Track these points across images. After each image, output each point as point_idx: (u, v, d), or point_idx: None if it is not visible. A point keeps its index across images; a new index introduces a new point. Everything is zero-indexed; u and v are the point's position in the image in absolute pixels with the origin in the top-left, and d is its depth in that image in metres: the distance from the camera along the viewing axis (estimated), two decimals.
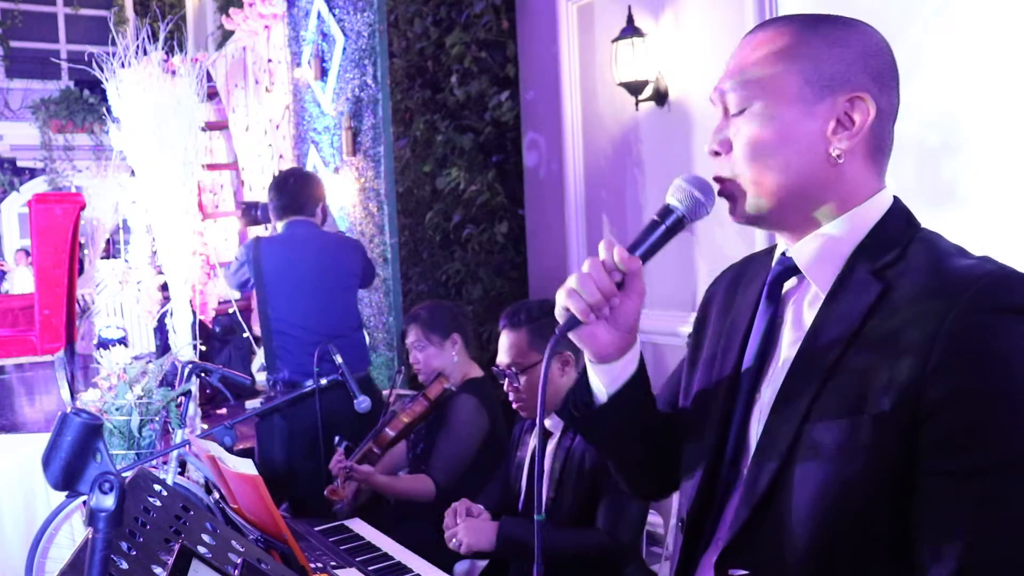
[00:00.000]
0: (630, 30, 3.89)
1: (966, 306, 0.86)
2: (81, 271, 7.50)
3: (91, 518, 0.79)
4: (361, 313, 4.89)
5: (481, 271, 5.10)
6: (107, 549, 0.79)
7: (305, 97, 5.32)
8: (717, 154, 1.04)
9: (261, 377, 6.09)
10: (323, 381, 2.94)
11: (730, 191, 1.03)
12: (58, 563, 2.66)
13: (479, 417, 2.79)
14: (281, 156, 5.88)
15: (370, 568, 2.12)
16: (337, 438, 2.93)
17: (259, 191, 6.40)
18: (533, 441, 2.33)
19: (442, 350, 2.91)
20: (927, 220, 1.02)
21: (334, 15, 4.87)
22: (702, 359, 1.15)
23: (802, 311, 1.01)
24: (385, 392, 3.38)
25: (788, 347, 1.01)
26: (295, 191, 3.54)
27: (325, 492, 2.79)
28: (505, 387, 2.28)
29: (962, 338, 0.85)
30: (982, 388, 0.85)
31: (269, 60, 5.87)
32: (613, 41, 3.94)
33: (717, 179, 1.04)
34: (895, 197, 1.03)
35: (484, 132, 5.32)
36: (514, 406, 2.29)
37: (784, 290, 1.05)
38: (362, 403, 2.99)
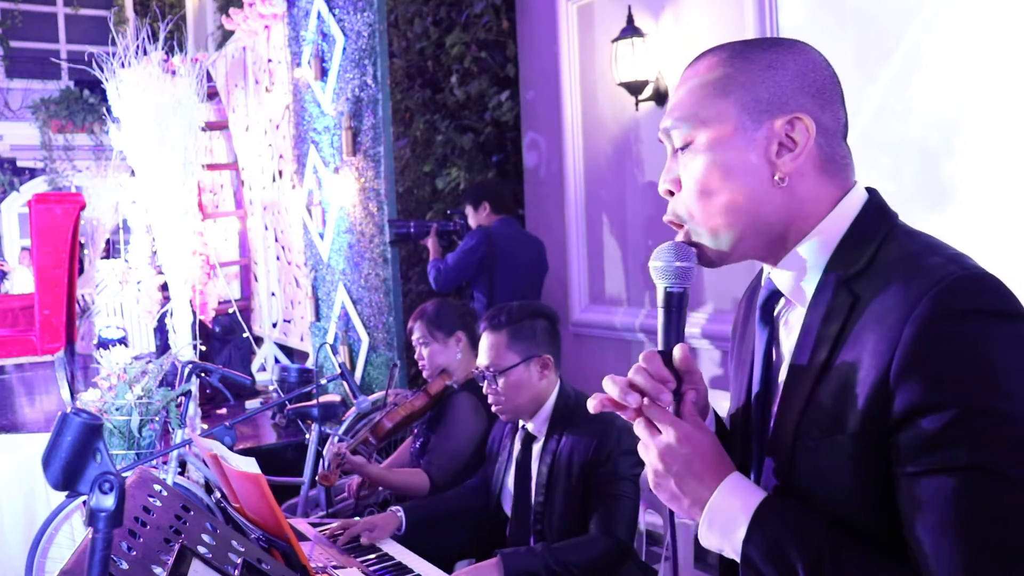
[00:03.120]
0: (630, 30, 3.89)
1: (920, 316, 0.86)
2: (81, 271, 7.51)
3: (91, 518, 0.80)
4: (361, 313, 4.89)
5: None
6: (107, 549, 0.80)
7: (305, 97, 5.32)
8: (671, 193, 1.04)
9: (261, 377, 6.09)
10: (323, 380, 2.94)
11: (692, 241, 1.03)
12: (58, 563, 2.66)
13: (477, 416, 2.79)
14: (281, 156, 5.88)
15: (371, 568, 2.12)
16: (336, 431, 2.94)
17: (259, 191, 6.41)
18: (517, 445, 2.33)
19: (446, 347, 2.91)
20: (927, 220, 1.02)
21: (334, 15, 4.87)
22: (732, 373, 1.17)
23: (792, 331, 1.02)
24: (381, 393, 3.39)
25: (783, 370, 1.02)
26: (507, 194, 4.32)
27: (317, 477, 2.81)
28: (484, 389, 2.29)
29: (917, 347, 0.85)
30: (945, 395, 0.84)
31: (269, 60, 5.87)
32: (613, 41, 3.94)
33: (673, 223, 1.05)
34: (870, 191, 1.02)
35: (484, 132, 5.32)
36: (493, 409, 2.30)
37: (776, 311, 1.06)
38: (362, 403, 2.99)
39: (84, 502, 0.82)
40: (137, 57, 4.34)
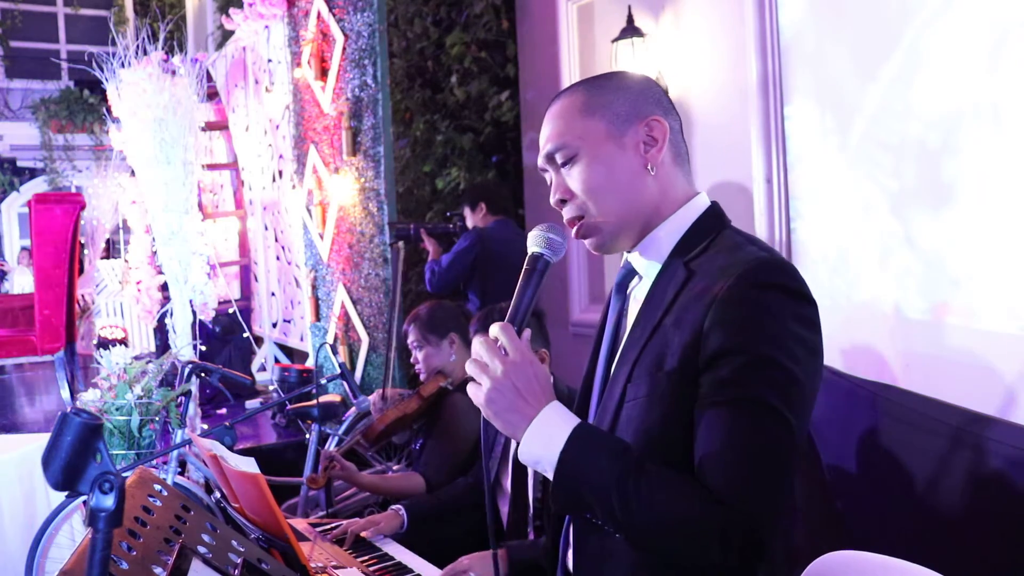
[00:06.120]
0: (630, 30, 3.89)
1: (732, 283, 1.11)
2: (81, 271, 7.50)
3: (91, 518, 0.80)
4: (361, 313, 4.89)
5: None
6: (107, 549, 0.80)
7: (305, 97, 5.32)
8: (563, 202, 1.27)
9: (261, 377, 6.09)
10: (323, 380, 2.94)
11: (586, 231, 1.26)
12: (58, 563, 2.66)
13: (472, 416, 2.79)
14: (281, 156, 5.88)
15: (370, 568, 2.12)
16: (336, 431, 2.94)
17: (259, 191, 6.41)
18: (512, 443, 2.34)
19: (439, 350, 2.91)
20: (928, 221, 1.02)
21: (334, 15, 4.87)
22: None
23: (639, 303, 1.26)
24: (378, 392, 3.39)
25: (629, 331, 1.26)
26: (505, 195, 4.39)
27: (305, 480, 2.81)
28: None
29: (727, 306, 1.10)
30: (742, 344, 1.09)
31: (269, 60, 5.87)
32: (613, 41, 3.94)
33: (571, 222, 1.27)
34: (713, 202, 1.29)
35: (484, 132, 5.32)
36: None
37: (629, 289, 1.32)
38: (362, 403, 2.99)
39: (84, 502, 0.82)
40: (137, 57, 4.33)
